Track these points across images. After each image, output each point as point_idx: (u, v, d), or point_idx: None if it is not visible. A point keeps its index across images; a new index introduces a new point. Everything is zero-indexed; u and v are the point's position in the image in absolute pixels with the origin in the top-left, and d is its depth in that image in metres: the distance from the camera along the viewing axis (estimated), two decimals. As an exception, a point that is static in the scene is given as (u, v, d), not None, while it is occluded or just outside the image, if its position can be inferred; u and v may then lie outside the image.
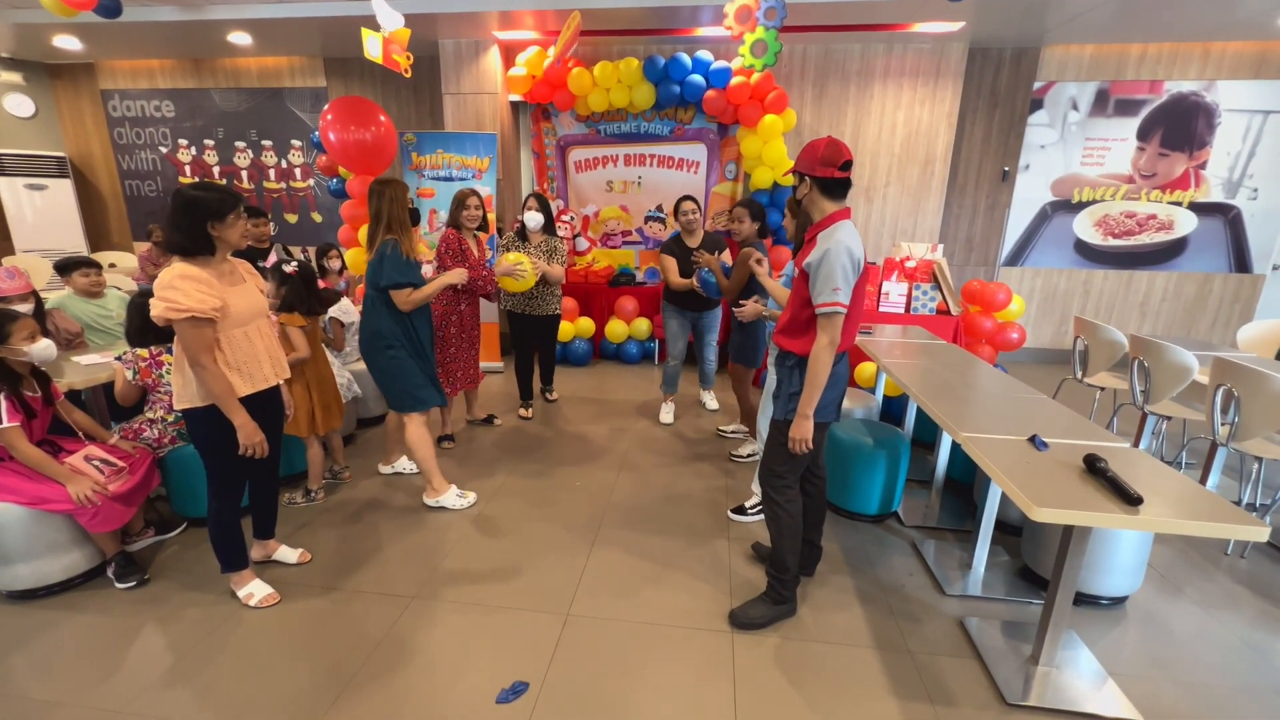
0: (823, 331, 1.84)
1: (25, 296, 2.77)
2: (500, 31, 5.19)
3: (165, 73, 6.75)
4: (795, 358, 1.96)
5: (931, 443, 3.48)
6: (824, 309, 1.82)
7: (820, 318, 1.84)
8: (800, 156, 1.85)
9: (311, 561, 2.44)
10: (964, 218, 5.81)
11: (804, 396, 1.89)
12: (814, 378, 1.86)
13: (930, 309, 4.26)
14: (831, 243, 1.80)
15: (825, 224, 1.88)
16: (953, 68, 5.23)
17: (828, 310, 1.81)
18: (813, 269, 1.83)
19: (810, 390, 1.88)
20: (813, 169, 1.84)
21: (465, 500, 2.88)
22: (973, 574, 2.37)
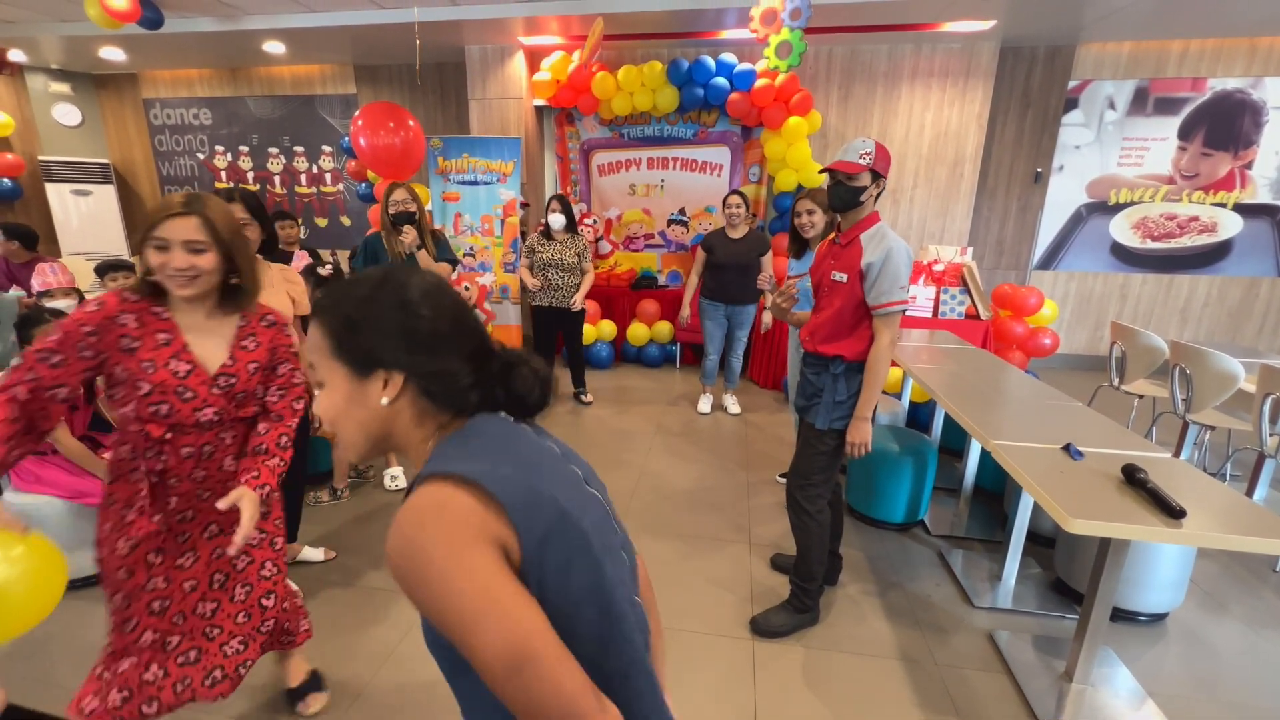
0: (887, 329, 1.84)
1: (68, 291, 2.90)
2: (525, 37, 5.24)
3: (203, 82, 6.97)
4: (844, 363, 1.92)
5: (960, 450, 3.39)
6: (890, 308, 1.82)
7: (883, 317, 1.84)
8: (880, 157, 1.82)
9: (336, 559, 2.47)
10: (994, 220, 5.68)
11: (864, 398, 1.88)
12: (876, 379, 1.86)
13: (959, 313, 4.17)
14: (891, 241, 1.81)
15: (866, 224, 1.89)
16: (983, 67, 5.12)
17: (894, 309, 1.82)
18: (873, 269, 1.81)
19: (872, 392, 1.87)
20: (886, 171, 1.84)
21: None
22: (1002, 586, 2.31)
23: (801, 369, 2.11)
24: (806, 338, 2.04)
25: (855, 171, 1.82)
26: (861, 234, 1.88)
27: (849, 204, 1.88)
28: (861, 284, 1.85)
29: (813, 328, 2.02)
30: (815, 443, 2.00)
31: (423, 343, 0.67)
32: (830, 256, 1.99)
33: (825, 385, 1.97)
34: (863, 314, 1.89)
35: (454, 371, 0.68)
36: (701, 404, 4.25)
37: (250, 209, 1.90)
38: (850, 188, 1.84)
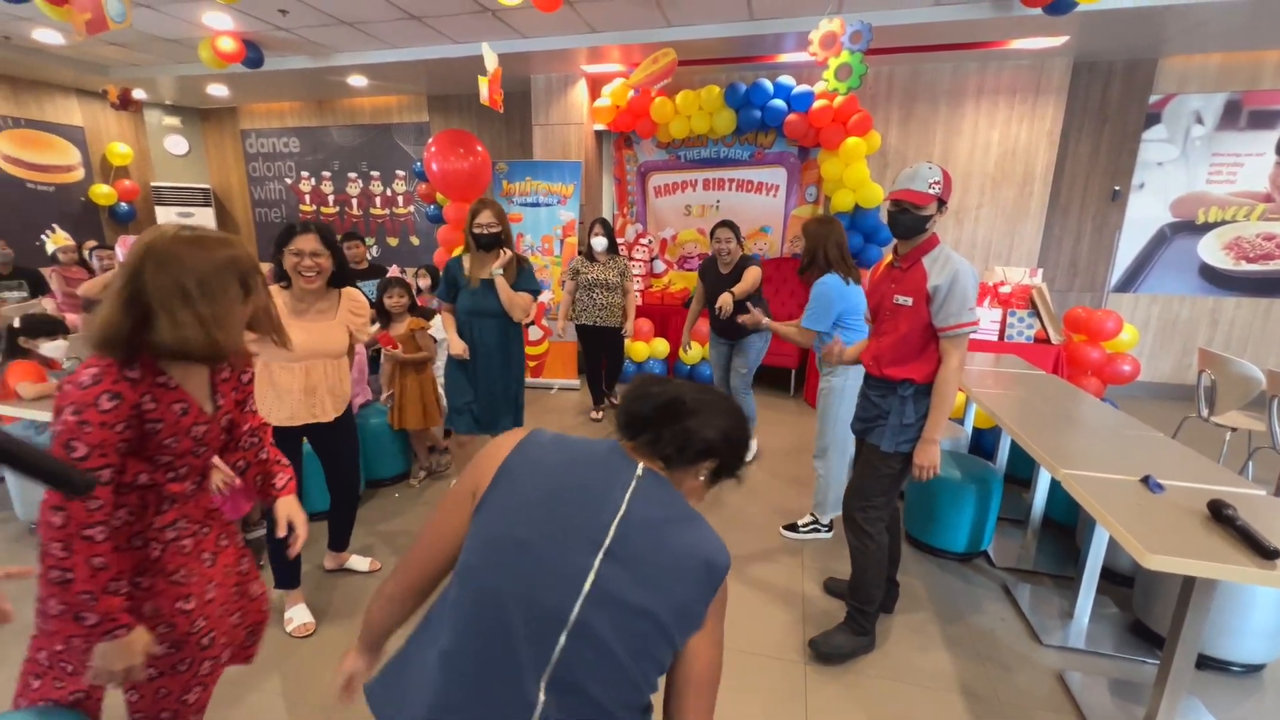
0: (956, 351, 1.84)
1: None
2: (588, 65, 5.46)
3: (293, 113, 7.58)
4: (912, 386, 1.91)
5: (1027, 479, 3.24)
6: (960, 330, 1.82)
7: (953, 339, 1.83)
8: (946, 185, 1.84)
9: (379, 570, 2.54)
10: (1067, 240, 5.43)
11: (932, 420, 1.87)
12: (946, 400, 1.85)
13: (1027, 337, 4.01)
14: (956, 263, 1.82)
15: (927, 248, 1.89)
16: (1055, 83, 4.95)
17: (964, 330, 1.82)
18: (941, 291, 1.81)
19: (941, 414, 1.86)
20: (949, 197, 1.86)
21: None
22: (1074, 624, 2.18)
23: (862, 390, 2.10)
24: (870, 361, 2.03)
25: (924, 202, 1.82)
26: (923, 257, 1.88)
27: (913, 232, 1.88)
28: (928, 306, 1.84)
29: (876, 352, 2.01)
30: (879, 464, 1.98)
31: None
32: (890, 280, 1.98)
33: (892, 408, 1.95)
34: (930, 336, 1.88)
35: None
36: None
37: (324, 240, 1.94)
38: (917, 217, 1.85)
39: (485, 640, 0.73)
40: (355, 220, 7.64)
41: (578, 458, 0.83)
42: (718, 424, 0.86)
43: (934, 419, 1.87)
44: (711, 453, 0.86)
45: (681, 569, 0.76)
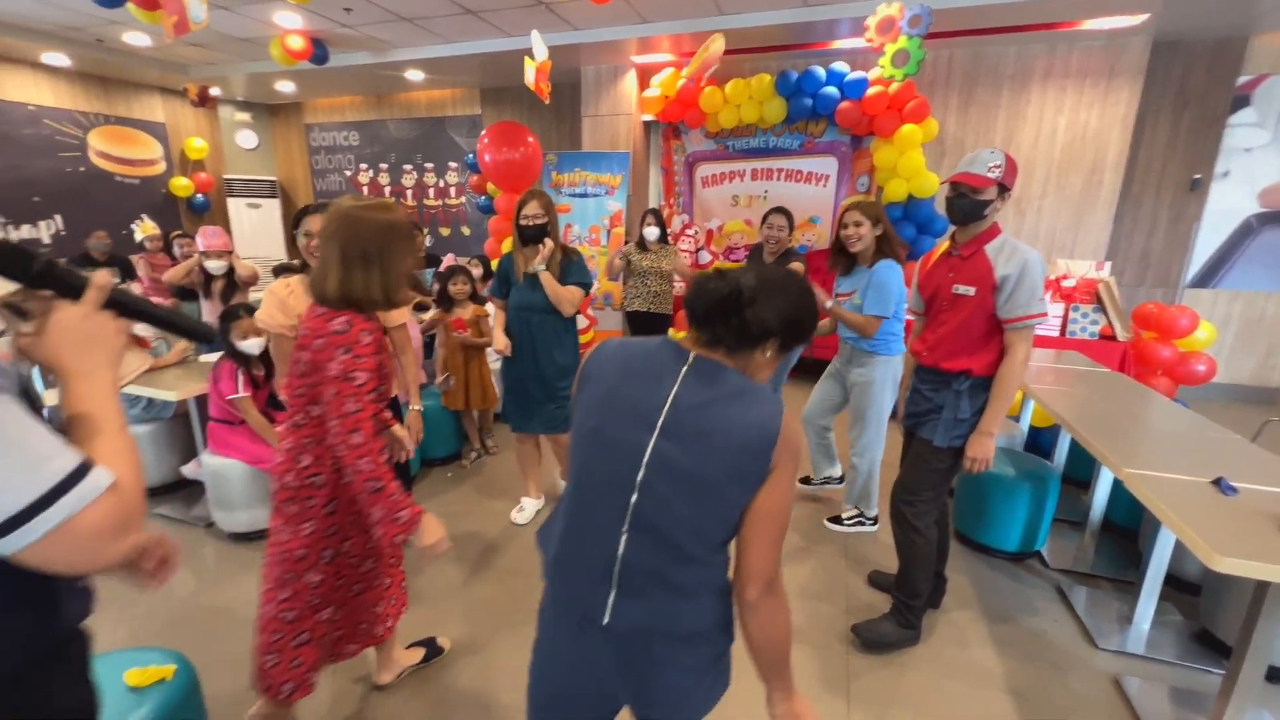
0: (1023, 344, 1.79)
1: (221, 254, 3.44)
2: (638, 56, 5.47)
3: (353, 107, 7.88)
4: (970, 378, 1.87)
5: (1086, 480, 3.12)
6: (1028, 321, 1.76)
7: (1020, 330, 1.78)
8: (1009, 170, 1.77)
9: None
10: (1139, 232, 5.13)
11: (991, 413, 1.83)
12: (1007, 393, 1.80)
13: (1091, 333, 3.83)
14: (1025, 253, 1.76)
15: (989, 236, 1.83)
16: (1131, 65, 4.67)
17: (1033, 322, 1.77)
18: (1010, 280, 1.75)
19: (1000, 407, 1.81)
20: (1013, 184, 1.79)
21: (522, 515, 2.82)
22: (1133, 629, 2.11)
23: (914, 383, 2.06)
24: (924, 352, 1.98)
25: (983, 186, 1.75)
26: (985, 246, 1.82)
27: (971, 218, 1.82)
28: (994, 297, 1.79)
29: (931, 343, 1.95)
30: (930, 459, 1.95)
31: None
32: (948, 269, 1.92)
33: (946, 401, 1.90)
34: (992, 327, 1.82)
35: None
36: None
37: None
38: (975, 201, 1.78)
39: (584, 503, 0.97)
40: (410, 211, 7.90)
41: (634, 355, 0.99)
42: (775, 308, 0.94)
43: (992, 411, 1.82)
44: (770, 335, 0.95)
45: (729, 440, 0.89)
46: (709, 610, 0.95)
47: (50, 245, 6.58)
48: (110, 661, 1.35)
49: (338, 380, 1.27)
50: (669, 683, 0.95)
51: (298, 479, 1.40)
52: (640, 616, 0.93)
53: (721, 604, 0.97)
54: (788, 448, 0.91)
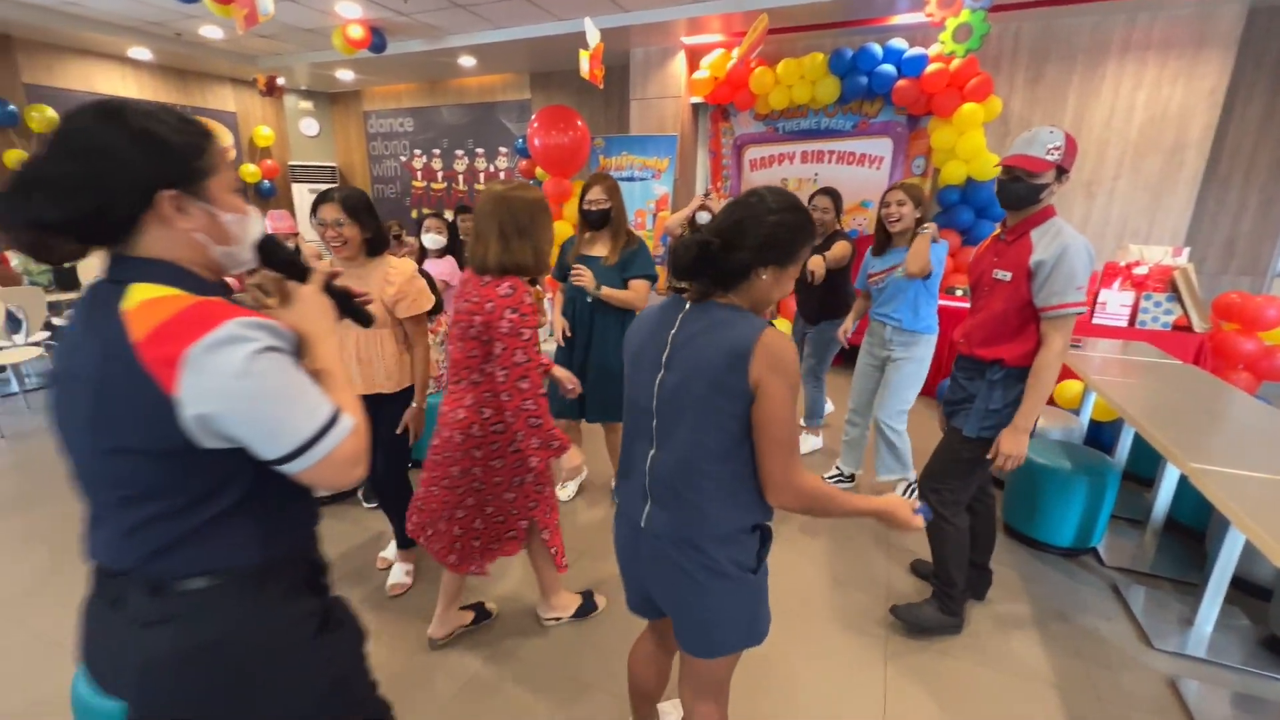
0: (1058, 334, 1.68)
1: (288, 236, 3.69)
2: (687, 37, 5.41)
3: (409, 94, 8.11)
4: (1003, 368, 1.80)
5: (1150, 479, 2.98)
6: (1065, 309, 1.66)
7: (1055, 320, 1.68)
8: (1069, 151, 1.66)
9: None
10: (1225, 216, 4.78)
11: (1025, 407, 1.73)
12: (1043, 387, 1.70)
13: (1164, 324, 3.61)
14: (1067, 237, 1.65)
15: (1039, 219, 1.73)
16: (1222, 35, 4.32)
17: (1069, 311, 1.66)
18: (1046, 266, 1.66)
19: (1035, 401, 1.72)
20: (1071, 166, 1.69)
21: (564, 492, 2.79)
22: (1195, 632, 2.02)
23: (952, 371, 2.02)
24: (961, 339, 1.93)
25: (1040, 169, 1.65)
26: (1032, 230, 1.73)
27: (1026, 203, 1.72)
28: (1029, 283, 1.70)
29: (968, 329, 1.90)
30: (959, 448, 1.90)
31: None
32: (993, 253, 1.85)
33: (979, 391, 1.86)
34: (1028, 316, 1.74)
35: None
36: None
37: (347, 209, 1.87)
38: (1031, 185, 1.68)
39: (629, 438, 1.22)
40: (461, 195, 8.10)
41: (649, 316, 1.19)
42: (747, 244, 1.05)
43: (1027, 405, 1.72)
44: (752, 267, 1.06)
45: (711, 358, 1.03)
46: (720, 522, 1.09)
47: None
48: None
49: (509, 336, 1.51)
50: (681, 585, 1.12)
51: (483, 429, 1.66)
52: (665, 523, 1.12)
53: (732, 521, 1.10)
54: (766, 360, 1.00)
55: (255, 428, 0.72)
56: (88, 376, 0.72)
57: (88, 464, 0.77)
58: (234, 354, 0.69)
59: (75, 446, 0.77)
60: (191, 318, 0.70)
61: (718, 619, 1.13)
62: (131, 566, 0.76)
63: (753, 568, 1.12)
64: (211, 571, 0.77)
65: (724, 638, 1.15)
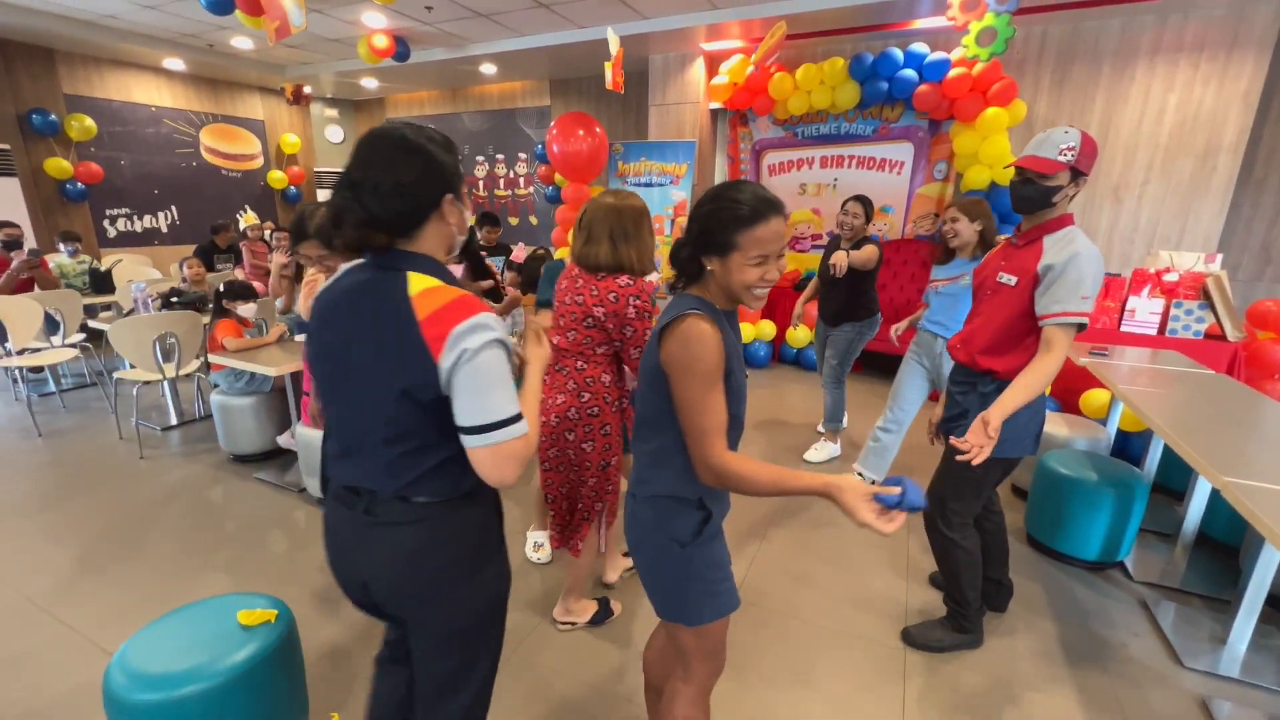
0: (1058, 344, 1.59)
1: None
2: (706, 43, 5.43)
3: (431, 101, 8.24)
4: (994, 380, 1.74)
5: (1181, 491, 2.89)
6: (1068, 318, 1.57)
7: (1057, 328, 1.59)
8: (1085, 152, 1.57)
9: None
10: (1260, 222, 4.64)
11: (1000, 401, 1.57)
12: (1027, 389, 1.58)
13: (1195, 332, 3.52)
14: (1080, 245, 1.58)
15: (1055, 226, 1.66)
16: (1257, 35, 4.21)
17: (1072, 319, 1.57)
18: (1053, 271, 1.58)
19: (1013, 399, 1.56)
20: (1089, 168, 1.60)
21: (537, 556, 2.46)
22: (1228, 651, 1.96)
23: (948, 384, 1.95)
24: (958, 345, 1.86)
25: (1052, 171, 1.58)
26: (1046, 235, 1.66)
27: (1037, 206, 1.63)
28: (1034, 289, 1.63)
29: (966, 335, 1.82)
30: (958, 467, 1.77)
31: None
32: (1002, 257, 1.78)
33: (971, 406, 1.79)
34: (1029, 326, 1.66)
35: None
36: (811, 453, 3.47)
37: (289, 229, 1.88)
38: (1042, 188, 1.59)
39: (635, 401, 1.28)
40: (481, 200, 8.20)
41: None
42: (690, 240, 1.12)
43: (1003, 401, 1.56)
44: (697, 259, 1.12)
45: (651, 338, 1.14)
46: (654, 483, 1.17)
47: (167, 234, 7.28)
48: (225, 604, 1.52)
49: (638, 320, 1.74)
50: (630, 537, 1.22)
51: (579, 413, 1.82)
52: (634, 473, 1.22)
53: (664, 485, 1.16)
54: (670, 345, 1.06)
55: (466, 397, 0.92)
56: (382, 340, 0.94)
57: (371, 410, 0.98)
58: (478, 337, 0.92)
59: (358, 394, 0.98)
60: (457, 307, 0.93)
61: (651, 579, 1.21)
62: (387, 488, 0.99)
63: (683, 541, 1.16)
64: (440, 493, 1.01)
65: (670, 605, 1.20)
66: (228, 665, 1.34)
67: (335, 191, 0.95)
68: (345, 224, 0.94)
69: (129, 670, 1.31)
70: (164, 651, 1.36)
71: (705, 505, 1.17)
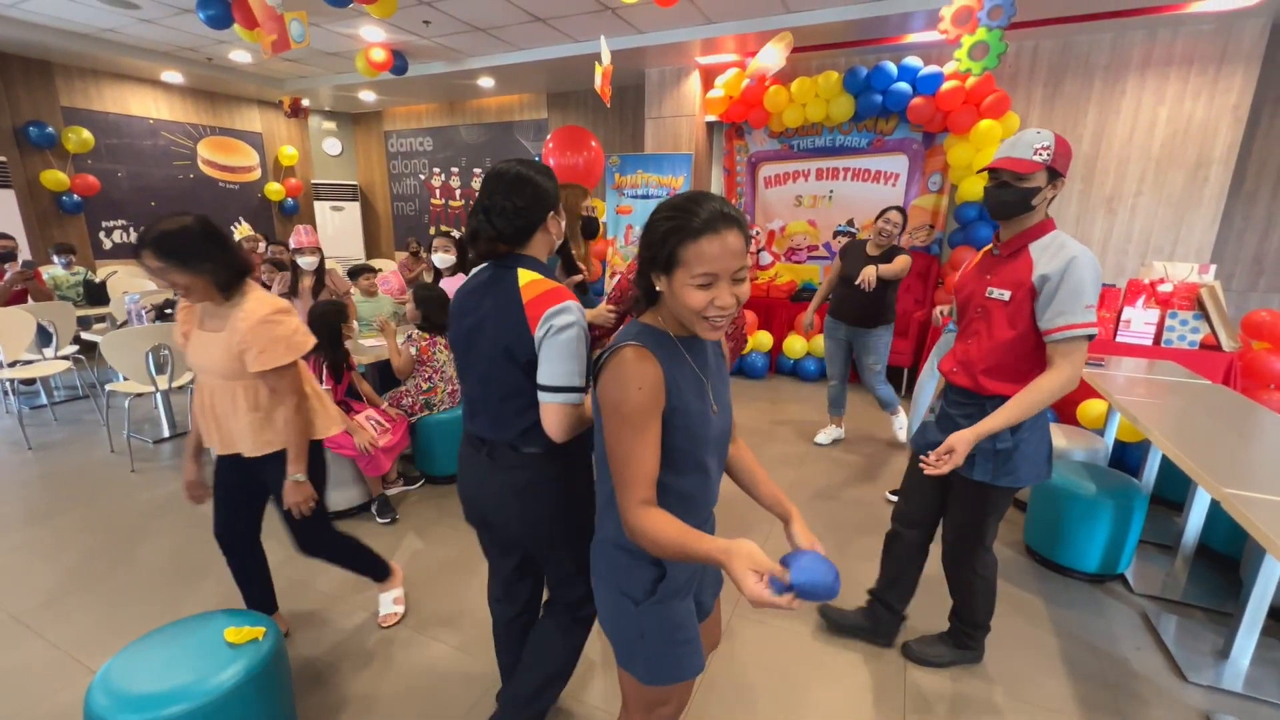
0: (1067, 361, 1.48)
1: (314, 250, 3.61)
2: (702, 57, 5.48)
3: (429, 114, 8.28)
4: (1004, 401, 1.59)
5: (1180, 502, 2.88)
6: (1074, 330, 1.46)
7: (1064, 343, 1.48)
8: (1060, 152, 1.49)
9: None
10: (1251, 233, 4.68)
11: (999, 413, 1.50)
12: (1028, 406, 1.49)
13: (1191, 342, 3.52)
14: (1075, 250, 1.48)
15: (1037, 233, 1.56)
16: (1245, 50, 4.27)
17: (1079, 333, 1.46)
18: (1051, 281, 1.48)
19: (1012, 413, 1.49)
20: (1066, 169, 1.52)
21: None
22: (1230, 664, 1.94)
23: (943, 406, 1.78)
24: (954, 369, 1.71)
25: (1028, 171, 1.48)
26: (1031, 244, 1.56)
27: (1016, 210, 1.54)
28: (1033, 302, 1.52)
29: (965, 357, 1.68)
30: (976, 499, 1.70)
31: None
32: (985, 271, 1.66)
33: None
34: (1034, 343, 1.56)
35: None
36: (820, 435, 3.86)
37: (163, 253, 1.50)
38: (1019, 190, 1.51)
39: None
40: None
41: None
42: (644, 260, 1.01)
43: (1000, 413, 1.50)
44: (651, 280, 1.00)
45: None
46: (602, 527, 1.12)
47: (163, 245, 7.26)
48: (211, 620, 1.49)
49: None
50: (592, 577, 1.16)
51: None
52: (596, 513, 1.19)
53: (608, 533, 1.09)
54: (603, 387, 0.97)
55: (546, 362, 1.20)
56: (499, 318, 1.23)
57: (490, 373, 1.27)
58: (563, 319, 1.19)
59: (483, 362, 1.27)
60: (551, 295, 1.21)
61: (606, 624, 1.12)
62: (502, 437, 1.29)
63: (635, 599, 1.04)
64: (543, 445, 1.26)
65: (615, 647, 1.10)
66: (212, 685, 1.31)
67: (471, 216, 1.27)
68: (480, 239, 1.26)
69: (111, 690, 1.28)
70: (147, 671, 1.33)
71: (659, 563, 1.04)
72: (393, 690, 1.85)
